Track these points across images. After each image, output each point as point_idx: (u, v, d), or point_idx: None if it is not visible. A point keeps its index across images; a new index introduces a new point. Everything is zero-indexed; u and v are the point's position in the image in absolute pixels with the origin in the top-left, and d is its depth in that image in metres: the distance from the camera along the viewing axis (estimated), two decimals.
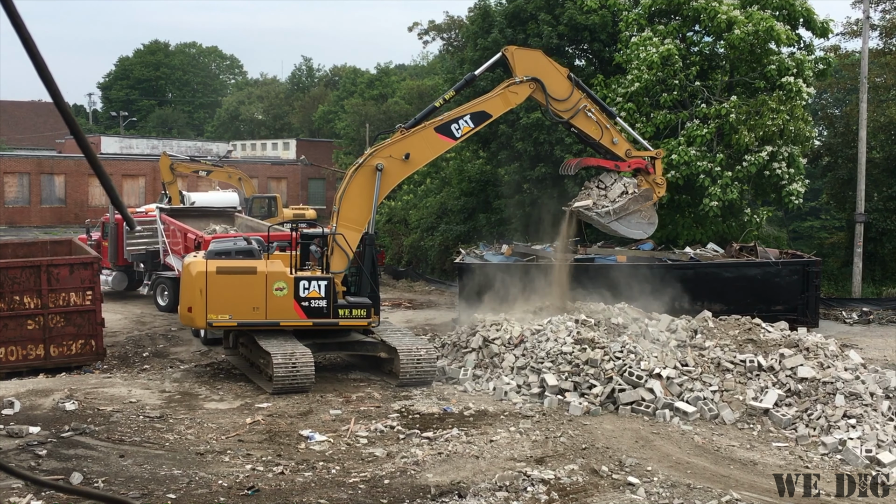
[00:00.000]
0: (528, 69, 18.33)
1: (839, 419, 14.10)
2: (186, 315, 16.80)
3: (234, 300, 16.38)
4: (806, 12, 26.99)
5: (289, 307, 16.66)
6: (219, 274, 16.29)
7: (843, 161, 33.24)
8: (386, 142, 17.56)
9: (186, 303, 16.67)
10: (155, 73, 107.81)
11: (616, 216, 18.86)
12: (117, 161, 60.61)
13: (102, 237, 28.43)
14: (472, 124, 17.80)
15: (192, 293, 16.48)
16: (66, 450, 12.45)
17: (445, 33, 49.14)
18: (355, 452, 12.74)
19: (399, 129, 17.63)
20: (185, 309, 16.72)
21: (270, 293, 16.50)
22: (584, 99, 18.75)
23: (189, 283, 16.62)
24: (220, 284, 16.31)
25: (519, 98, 18.48)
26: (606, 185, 19.36)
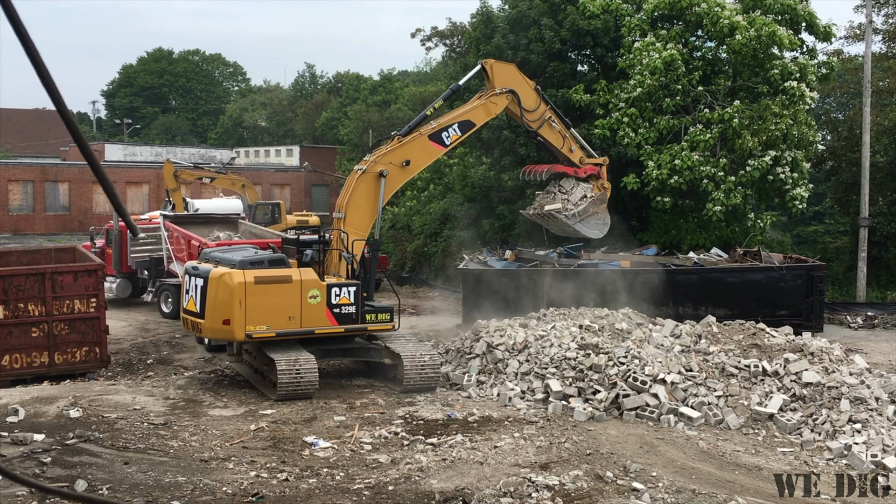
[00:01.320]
0: (505, 81, 19.33)
1: (844, 424, 14.06)
2: (221, 328, 16.16)
3: (271, 310, 16.13)
4: (808, 17, 27.00)
5: (322, 315, 16.64)
6: (257, 284, 16.01)
7: (846, 165, 33.23)
8: (385, 148, 17.73)
9: (221, 315, 16.01)
10: (159, 80, 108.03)
11: (579, 218, 20.14)
12: (121, 168, 60.72)
13: (106, 244, 28.44)
14: (460, 132, 18.58)
15: (229, 305, 15.92)
16: (70, 457, 12.45)
17: (448, 39, 49.19)
18: (359, 459, 12.73)
19: (395, 137, 17.92)
20: (219, 322, 16.06)
21: (305, 301, 16.43)
22: (548, 110, 20.07)
23: (225, 295, 15.96)
24: (258, 295, 16.02)
25: (498, 108, 19.33)
26: (567, 189, 20.43)
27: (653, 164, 25.57)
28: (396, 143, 17.72)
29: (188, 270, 17.01)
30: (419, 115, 18.46)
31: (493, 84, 19.16)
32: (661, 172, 25.29)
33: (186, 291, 16.92)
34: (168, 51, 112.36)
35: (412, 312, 27.89)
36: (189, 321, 16.89)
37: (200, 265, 16.83)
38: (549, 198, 20.34)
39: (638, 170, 26.46)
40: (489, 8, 31.81)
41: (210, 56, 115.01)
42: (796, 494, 11.53)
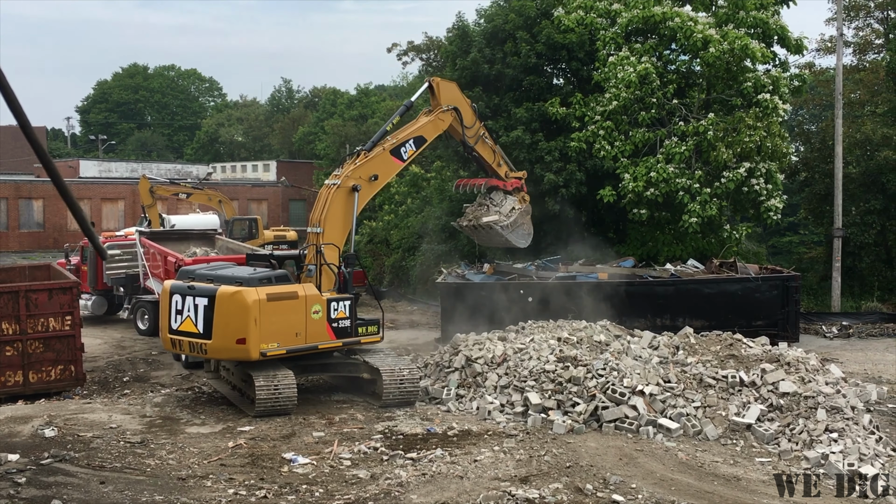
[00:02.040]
0: (449, 99, 19.86)
1: (821, 433, 14.15)
2: (235, 348, 15.76)
3: (281, 327, 15.97)
4: (780, 30, 27.30)
5: (323, 330, 16.58)
6: (269, 301, 15.79)
7: (819, 176, 33.58)
8: (354, 163, 17.87)
9: (235, 334, 15.63)
10: (134, 96, 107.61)
11: (511, 229, 20.80)
12: (96, 185, 60.32)
13: (81, 261, 28.24)
14: (415, 147, 19.02)
15: (244, 323, 15.59)
16: (45, 477, 12.30)
17: (424, 54, 49.35)
18: (339, 475, 12.67)
19: (361, 152, 18.16)
20: (232, 341, 15.69)
21: (309, 317, 16.35)
22: (482, 127, 20.74)
23: (240, 313, 15.61)
24: (270, 312, 15.80)
25: (445, 125, 19.72)
26: (498, 202, 21.01)
27: (629, 177, 25.72)
28: (363, 157, 17.96)
29: (179, 290, 16.26)
30: (379, 130, 18.79)
31: (438, 101, 19.67)
32: (637, 185, 25.44)
33: (178, 312, 16.22)
34: (143, 66, 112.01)
35: (391, 326, 27.81)
36: (184, 342, 16.20)
37: (198, 284, 16.15)
38: (483, 210, 21.06)
39: (614, 182, 26.61)
40: (465, 22, 31.93)
41: (186, 71, 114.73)
42: (796, 495, 11.57)
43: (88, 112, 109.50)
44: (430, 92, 19.77)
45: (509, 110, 28.83)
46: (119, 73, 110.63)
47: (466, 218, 21.51)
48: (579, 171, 27.69)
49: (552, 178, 27.33)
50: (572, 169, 27.54)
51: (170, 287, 16.51)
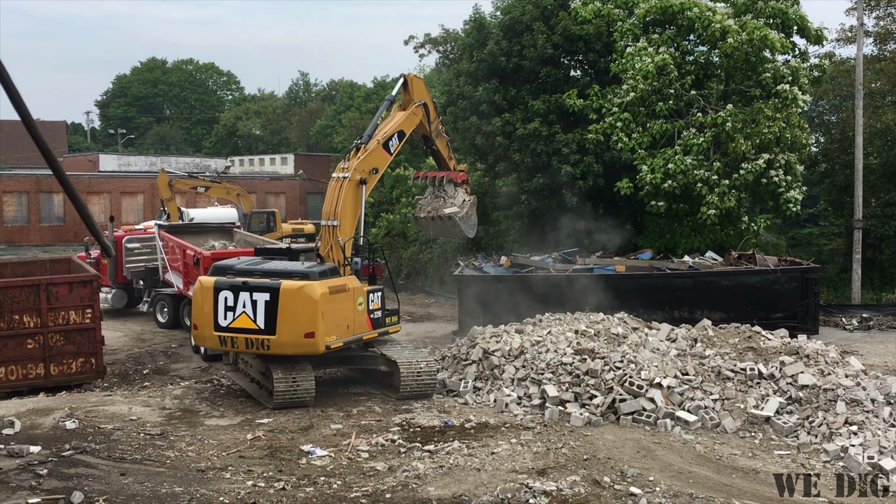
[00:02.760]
0: (419, 94, 20.25)
1: (841, 426, 14.08)
2: (302, 343, 15.71)
3: (338, 320, 16.14)
4: (800, 20, 27.10)
5: (364, 321, 16.84)
6: (331, 294, 15.91)
7: (840, 167, 33.32)
8: (358, 156, 18.08)
9: (304, 329, 15.61)
10: (152, 90, 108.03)
11: (465, 220, 21.16)
12: (116, 179, 60.69)
13: (102, 255, 28.42)
14: (398, 141, 19.34)
15: (313, 318, 15.57)
16: (66, 469, 12.42)
17: (441, 46, 49.29)
18: (357, 467, 12.72)
19: (360, 145, 18.34)
20: (300, 336, 15.65)
21: (356, 309, 16.57)
22: (439, 122, 21.17)
23: (308, 308, 15.61)
24: (331, 305, 15.92)
25: (418, 119, 20.01)
26: (451, 194, 21.36)
27: (646, 169, 25.62)
28: (364, 151, 18.17)
29: (230, 286, 15.90)
30: (371, 123, 19.08)
31: (411, 97, 19.95)
32: (655, 177, 25.34)
33: (229, 308, 15.92)
34: (162, 60, 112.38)
35: (408, 319, 27.88)
36: (238, 339, 15.92)
37: (252, 280, 15.85)
38: (440, 202, 21.42)
39: (632, 174, 26.51)
40: (482, 14, 31.87)
41: (204, 65, 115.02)
42: (796, 495, 11.53)
43: (108, 106, 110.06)
44: (404, 87, 19.99)
45: (526, 102, 28.77)
46: (138, 68, 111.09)
47: (424, 209, 21.72)
48: (596, 164, 27.61)
49: (569, 170, 27.26)
50: (589, 161, 27.46)
51: (213, 283, 16.09)
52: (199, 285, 16.49)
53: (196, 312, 16.63)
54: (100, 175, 62.41)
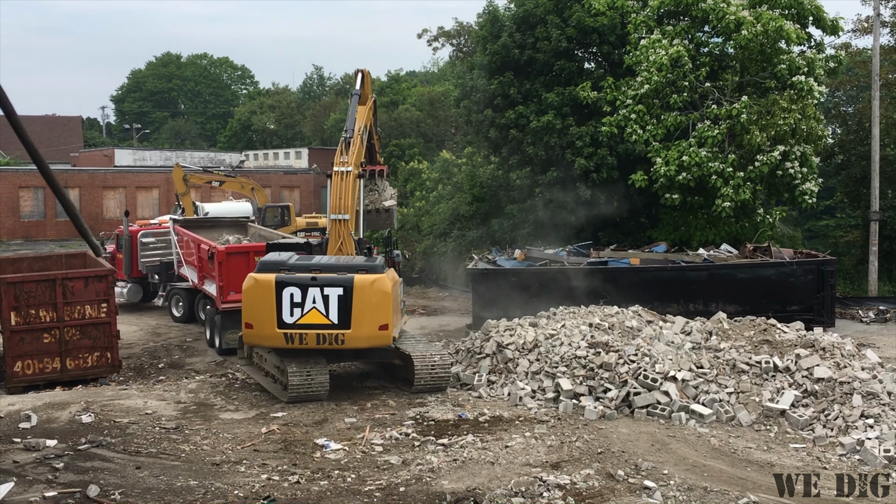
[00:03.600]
0: (370, 89, 20.82)
1: (857, 419, 14.00)
2: (378, 335, 15.91)
3: (397, 312, 16.71)
4: (815, 10, 26.87)
5: (399, 312, 17.37)
6: (393, 287, 16.26)
7: (856, 159, 33.09)
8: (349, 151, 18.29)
9: (379, 321, 15.79)
10: (167, 84, 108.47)
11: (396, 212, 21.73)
12: (131, 173, 60.92)
13: (117, 249, 28.56)
14: (366, 135, 19.73)
15: (387, 310, 15.88)
16: (82, 462, 12.51)
17: (455, 39, 49.24)
18: (371, 460, 12.75)
19: (348, 140, 18.57)
20: (375, 328, 15.82)
21: (398, 300, 17.09)
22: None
23: (383, 301, 15.84)
24: (395, 298, 16.45)
25: (371, 114, 20.54)
26: (382, 187, 21.53)
27: (661, 161, 25.50)
28: (353, 145, 18.44)
29: (296, 282, 15.71)
30: (350, 116, 19.32)
31: (367, 91, 20.30)
32: (669, 169, 25.22)
33: (296, 305, 15.73)
34: (176, 55, 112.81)
35: (422, 313, 27.91)
36: (308, 335, 15.73)
37: (322, 275, 15.76)
38: (376, 195, 21.55)
39: (646, 167, 26.40)
40: (495, 7, 31.79)
41: (218, 60, 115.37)
42: (796, 494, 11.45)
43: (123, 101, 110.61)
44: (362, 82, 20.22)
45: (540, 95, 28.70)
46: (153, 63, 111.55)
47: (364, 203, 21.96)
48: (610, 156, 27.51)
49: (583, 162, 27.18)
50: (603, 154, 27.37)
51: (274, 280, 15.78)
52: (255, 283, 15.91)
53: (251, 311, 15.98)
54: (115, 170, 62.69)
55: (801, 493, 11.48)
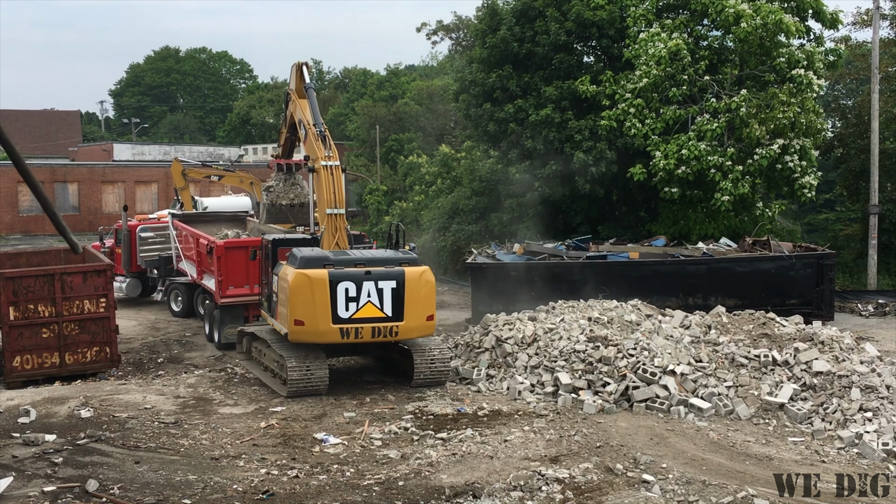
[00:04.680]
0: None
1: (855, 413, 14.01)
2: (426, 325, 16.41)
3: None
4: (815, 3, 26.83)
5: None
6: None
7: (855, 152, 33.04)
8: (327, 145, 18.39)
9: (426, 312, 16.31)
10: (166, 79, 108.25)
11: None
12: (130, 168, 60.90)
13: (116, 244, 28.55)
14: None
15: (432, 300, 16.54)
16: (81, 457, 12.51)
17: (454, 33, 49.15)
18: (369, 455, 12.76)
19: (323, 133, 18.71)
20: (423, 319, 16.28)
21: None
22: None
23: (429, 292, 16.39)
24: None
25: None
26: (298, 181, 22.08)
27: (660, 155, 25.48)
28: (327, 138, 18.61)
29: (350, 277, 15.71)
30: (316, 111, 19.36)
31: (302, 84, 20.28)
32: (669, 163, 25.20)
33: (351, 300, 15.70)
34: (175, 49, 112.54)
35: None
36: (363, 329, 15.76)
37: (375, 269, 15.87)
38: (297, 189, 21.90)
39: (645, 161, 26.38)
40: (494, 0, 31.73)
41: (217, 54, 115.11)
42: (796, 494, 11.45)
43: (122, 95, 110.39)
44: (300, 75, 20.26)
45: (539, 89, 28.66)
46: (151, 57, 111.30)
47: (286, 197, 21.81)
48: (610, 150, 27.48)
49: (582, 156, 27.15)
50: (602, 147, 27.34)
51: (328, 276, 15.65)
52: (306, 279, 15.62)
53: (302, 308, 15.67)
54: (114, 164, 62.66)
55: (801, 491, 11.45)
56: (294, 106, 20.50)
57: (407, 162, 47.22)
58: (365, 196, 49.72)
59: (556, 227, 29.48)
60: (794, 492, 11.37)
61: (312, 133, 18.80)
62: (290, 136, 22.55)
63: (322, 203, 17.85)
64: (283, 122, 23.02)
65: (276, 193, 21.91)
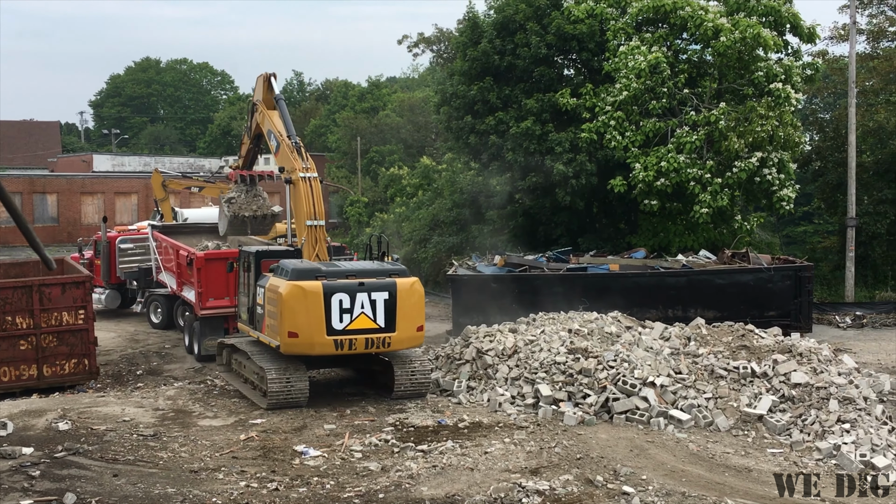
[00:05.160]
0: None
1: (833, 424, 14.11)
2: (416, 335, 16.47)
3: None
4: (793, 18, 27.14)
5: None
6: None
7: (833, 165, 33.36)
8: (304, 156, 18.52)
9: (416, 323, 16.35)
10: (146, 90, 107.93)
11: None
12: (110, 179, 60.59)
13: (95, 255, 28.37)
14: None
15: (421, 311, 16.61)
16: (59, 470, 12.41)
17: (435, 45, 49.30)
18: (350, 467, 12.72)
19: (298, 145, 18.80)
20: (414, 330, 16.31)
21: None
22: None
23: (419, 302, 16.41)
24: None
25: None
26: (260, 192, 22.08)
27: (639, 167, 25.65)
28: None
29: (344, 288, 15.66)
30: (289, 122, 19.44)
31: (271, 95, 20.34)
32: (648, 175, 25.36)
33: (345, 311, 15.66)
34: (155, 60, 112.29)
35: None
36: (357, 340, 15.73)
37: (368, 280, 15.84)
38: (260, 201, 21.80)
39: (625, 173, 26.53)
40: (475, 13, 31.85)
41: (198, 65, 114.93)
42: (796, 495, 11.53)
43: (102, 106, 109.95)
44: (268, 86, 20.25)
45: (520, 101, 28.77)
46: (132, 68, 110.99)
47: (248, 209, 21.71)
48: (590, 162, 27.61)
49: (562, 168, 27.25)
50: (582, 160, 27.46)
51: (322, 288, 15.57)
52: (300, 291, 15.51)
53: (296, 320, 15.53)
54: (94, 175, 62.33)
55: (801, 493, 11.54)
56: (262, 117, 20.40)
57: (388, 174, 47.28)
58: (346, 208, 49.72)
59: (537, 239, 29.56)
60: (794, 492, 11.45)
61: (287, 144, 18.75)
62: (253, 147, 22.39)
63: (301, 215, 17.81)
64: (245, 132, 22.89)
65: (238, 205, 21.75)
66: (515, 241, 29.46)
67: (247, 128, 22.56)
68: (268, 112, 19.96)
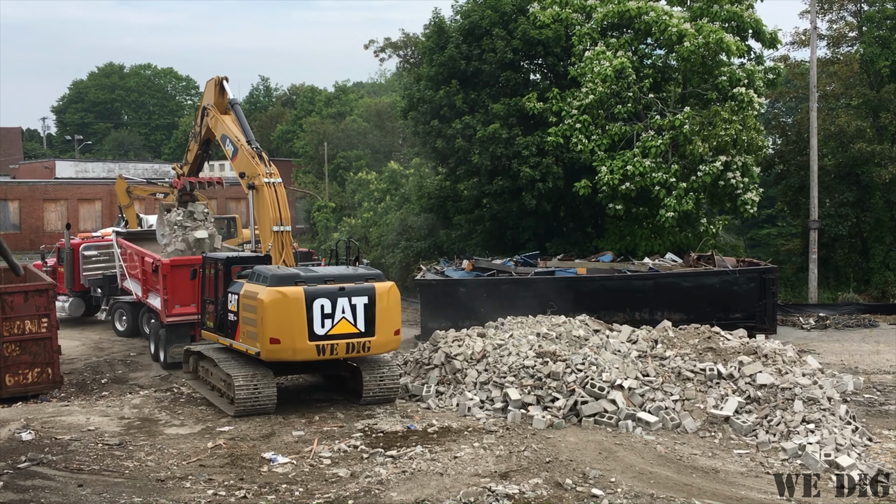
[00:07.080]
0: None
1: (798, 424, 14.26)
2: (393, 339, 16.53)
3: None
4: (755, 23, 27.47)
5: None
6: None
7: (795, 169, 33.80)
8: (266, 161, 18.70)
9: (393, 327, 16.38)
10: (110, 95, 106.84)
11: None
12: (73, 185, 59.83)
13: (58, 263, 28.01)
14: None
15: (398, 315, 16.71)
16: (22, 481, 12.21)
17: (402, 50, 49.24)
18: (319, 473, 12.65)
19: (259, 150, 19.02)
20: (391, 334, 16.33)
21: None
22: None
23: (396, 306, 16.54)
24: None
25: None
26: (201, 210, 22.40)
27: (605, 170, 25.80)
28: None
29: (325, 293, 15.57)
30: (247, 127, 19.64)
31: (225, 100, 20.46)
32: (613, 178, 25.53)
33: (327, 316, 15.58)
34: (119, 66, 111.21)
35: None
36: (338, 345, 15.69)
37: (349, 285, 15.80)
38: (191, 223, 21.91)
39: (591, 176, 26.70)
40: (441, 18, 31.93)
41: (162, 70, 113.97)
42: (796, 495, 11.62)
43: (64, 112, 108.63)
44: (220, 90, 20.31)
45: (486, 105, 28.86)
46: (95, 73, 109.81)
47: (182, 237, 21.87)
48: (556, 166, 27.76)
49: (529, 172, 27.36)
50: (549, 163, 27.59)
51: (304, 293, 15.47)
52: (282, 297, 15.37)
53: (278, 326, 15.40)
54: (56, 182, 61.54)
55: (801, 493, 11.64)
56: (214, 121, 20.20)
57: (356, 178, 47.17)
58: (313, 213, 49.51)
59: (505, 243, 29.65)
60: (794, 492, 11.54)
61: (246, 150, 18.59)
62: (201, 152, 22.18)
63: (267, 220, 17.69)
64: (192, 137, 22.62)
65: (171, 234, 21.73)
66: (483, 246, 29.52)
67: (194, 133, 22.27)
68: (221, 116, 19.76)
